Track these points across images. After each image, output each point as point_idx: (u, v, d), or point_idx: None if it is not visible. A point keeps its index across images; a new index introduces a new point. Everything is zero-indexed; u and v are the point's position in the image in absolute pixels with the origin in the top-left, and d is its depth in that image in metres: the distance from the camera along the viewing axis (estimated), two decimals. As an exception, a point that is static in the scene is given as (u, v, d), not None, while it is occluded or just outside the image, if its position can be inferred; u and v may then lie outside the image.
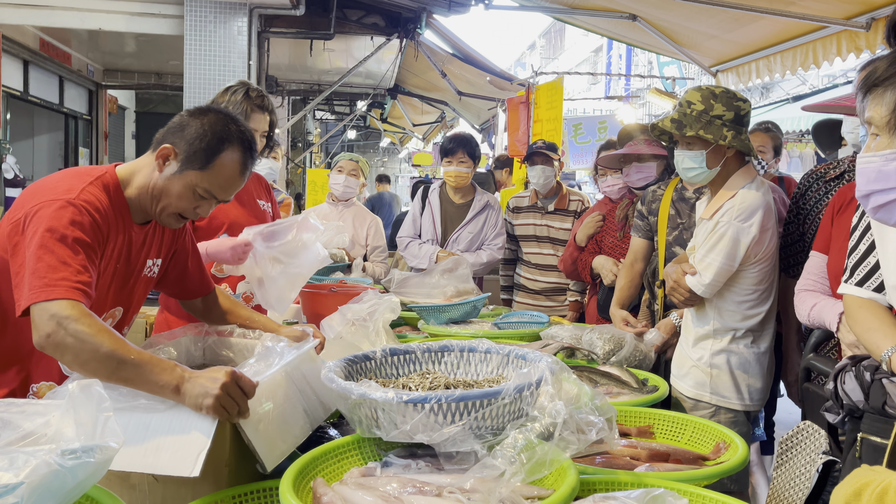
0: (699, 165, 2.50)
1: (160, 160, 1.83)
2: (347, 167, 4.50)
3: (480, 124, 12.27)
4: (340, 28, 7.52)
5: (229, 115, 1.89)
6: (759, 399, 2.57)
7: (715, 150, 2.48)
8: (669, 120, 2.50)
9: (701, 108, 2.48)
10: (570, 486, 1.29)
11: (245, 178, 1.92)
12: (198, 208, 1.88)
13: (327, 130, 18.44)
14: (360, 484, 1.39)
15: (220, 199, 1.90)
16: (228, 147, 1.83)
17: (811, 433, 1.97)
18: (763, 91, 19.64)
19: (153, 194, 1.84)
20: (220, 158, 1.82)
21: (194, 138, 1.81)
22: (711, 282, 2.45)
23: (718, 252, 2.42)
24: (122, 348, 1.52)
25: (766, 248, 2.47)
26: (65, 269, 1.59)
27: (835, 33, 4.47)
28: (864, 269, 1.76)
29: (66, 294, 1.56)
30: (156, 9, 6.55)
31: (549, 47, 40.54)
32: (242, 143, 1.86)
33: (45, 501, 1.06)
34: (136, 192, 1.85)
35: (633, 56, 25.37)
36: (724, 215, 2.44)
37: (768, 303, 2.55)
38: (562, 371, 1.56)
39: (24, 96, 8.77)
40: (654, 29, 5.76)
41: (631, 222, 3.51)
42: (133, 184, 1.85)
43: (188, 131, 1.82)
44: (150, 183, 1.84)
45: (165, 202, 1.84)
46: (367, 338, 2.46)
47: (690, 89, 2.56)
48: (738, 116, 2.49)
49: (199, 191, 1.83)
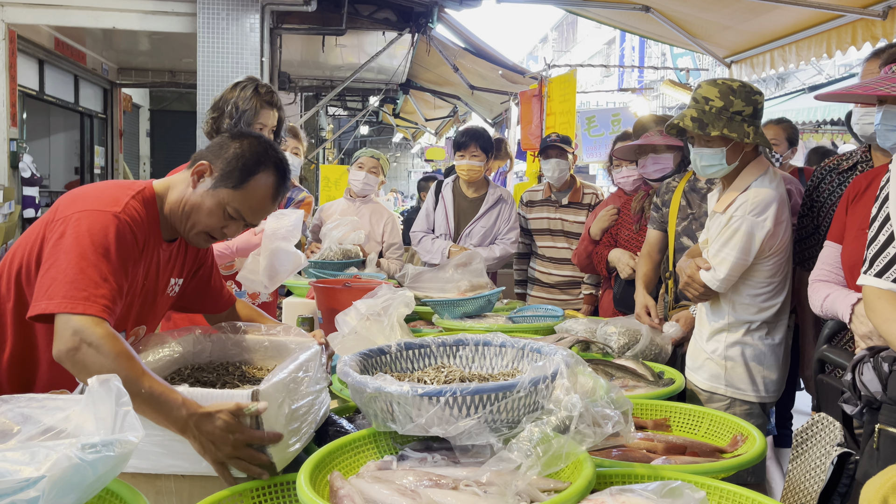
0: (719, 162, 2.47)
1: (195, 176, 1.85)
2: (368, 164, 4.50)
3: (493, 118, 12.24)
4: (352, 23, 7.52)
5: (268, 142, 1.92)
6: (774, 391, 2.55)
7: (735, 146, 2.46)
8: (690, 119, 2.44)
9: (720, 104, 2.43)
10: (587, 479, 1.29)
11: (276, 203, 1.92)
12: (225, 228, 1.88)
13: (340, 126, 18.47)
14: (376, 477, 1.40)
15: (248, 222, 1.90)
16: (264, 170, 1.85)
17: (826, 425, 1.96)
18: (779, 81, 19.46)
19: (184, 210, 1.85)
20: (254, 179, 1.84)
21: (231, 158, 1.84)
22: (726, 277, 2.44)
23: (733, 247, 2.41)
24: (136, 380, 1.49)
25: (781, 240, 2.45)
26: (104, 286, 1.59)
27: (851, 22, 4.42)
28: (883, 260, 1.75)
29: (96, 311, 1.55)
30: (169, 7, 6.58)
31: (561, 40, 40.35)
32: (278, 168, 1.88)
33: (65, 495, 1.07)
34: (169, 207, 1.87)
35: (646, 48, 25.21)
36: (738, 210, 2.42)
37: (783, 294, 2.53)
38: (577, 364, 1.56)
39: (40, 95, 8.85)
40: (667, 20, 5.71)
41: (647, 214, 3.50)
42: (168, 199, 1.87)
43: (226, 151, 1.85)
44: (184, 198, 1.85)
45: (196, 219, 1.85)
46: (381, 332, 2.47)
47: (705, 83, 2.50)
48: (756, 111, 2.46)
49: (229, 210, 1.84)
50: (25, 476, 1.03)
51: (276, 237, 2.73)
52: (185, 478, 1.55)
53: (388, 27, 7.94)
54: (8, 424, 1.26)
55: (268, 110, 2.92)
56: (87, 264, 1.60)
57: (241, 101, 2.86)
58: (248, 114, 2.86)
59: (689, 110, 2.48)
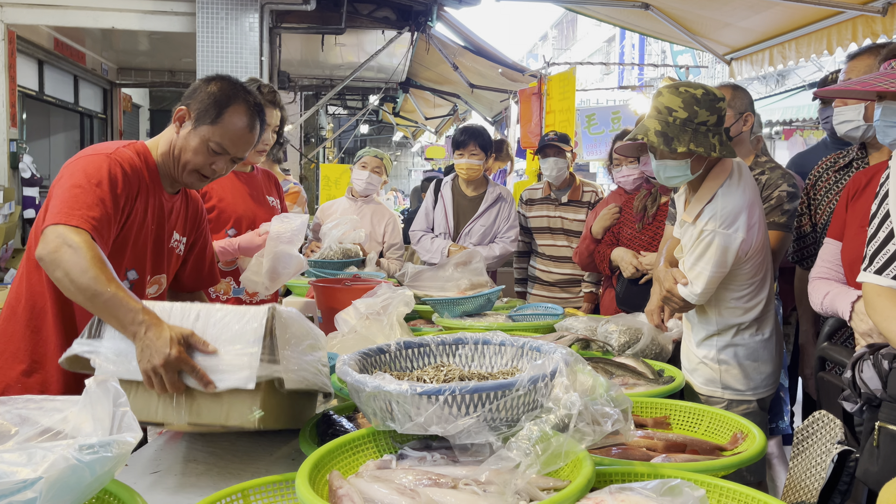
0: (683, 174, 2.39)
1: (177, 122, 2.06)
2: (371, 163, 4.49)
3: (493, 116, 12.23)
4: (352, 22, 7.52)
5: (237, 80, 2.11)
6: (770, 384, 2.54)
7: (699, 156, 2.36)
8: (654, 133, 2.33)
9: (684, 115, 2.31)
10: (586, 478, 1.29)
11: (255, 134, 2.11)
12: (213, 164, 2.06)
13: (340, 125, 18.47)
14: (375, 476, 1.39)
15: (232, 155, 2.07)
16: (235, 103, 2.05)
17: (826, 423, 1.95)
18: (779, 78, 19.45)
19: (174, 154, 2.05)
20: (228, 112, 2.03)
21: (205, 97, 2.04)
22: (703, 291, 2.39)
23: (707, 261, 2.35)
24: (103, 282, 1.66)
25: (756, 242, 2.39)
26: (95, 209, 1.78)
27: (850, 19, 4.42)
28: (883, 257, 1.74)
29: (80, 224, 1.73)
30: (168, 6, 6.58)
31: (561, 38, 40.32)
32: (247, 101, 2.07)
33: (63, 496, 1.08)
34: (161, 156, 2.07)
35: (646, 45, 25.18)
36: (708, 223, 2.34)
37: (766, 289, 2.49)
38: (577, 362, 1.56)
39: (40, 96, 8.85)
40: (666, 17, 5.71)
41: (650, 212, 3.49)
42: (159, 150, 2.08)
43: (200, 93, 2.05)
44: (172, 143, 2.06)
45: (185, 158, 2.04)
46: (381, 331, 2.47)
47: (666, 91, 2.36)
48: (720, 118, 2.36)
49: (212, 145, 2.03)
50: (23, 477, 1.03)
51: (280, 240, 2.75)
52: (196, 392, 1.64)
53: (387, 26, 7.93)
54: (6, 426, 1.26)
55: (270, 109, 2.98)
56: (81, 191, 1.80)
57: None
58: None
59: (652, 121, 2.36)
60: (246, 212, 3.02)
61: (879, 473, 1.57)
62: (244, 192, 3.08)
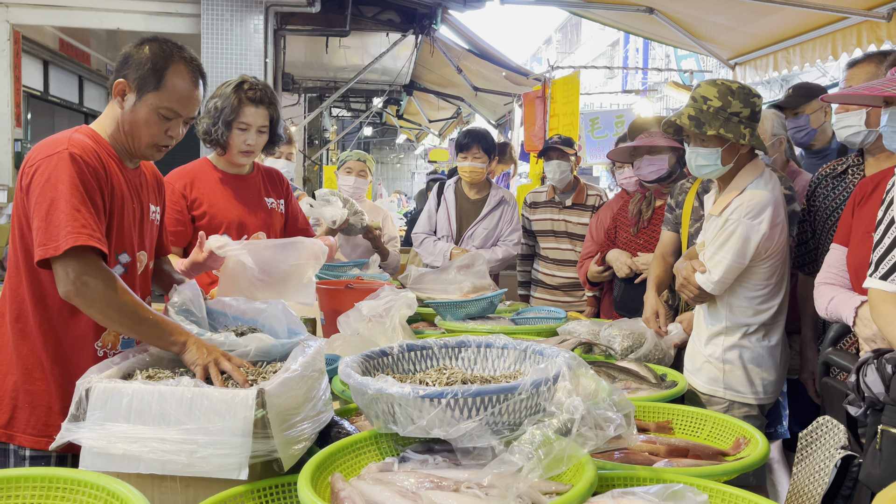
0: (713, 163, 2.47)
1: (119, 97, 1.96)
2: (356, 168, 4.47)
3: (497, 120, 12.23)
4: (356, 25, 7.53)
5: (167, 39, 2.01)
6: (772, 392, 2.55)
7: (730, 147, 2.46)
8: (687, 117, 2.45)
9: (718, 104, 2.43)
10: (589, 482, 1.29)
11: (200, 90, 2.03)
12: (168, 131, 1.99)
13: (343, 127, 18.48)
14: (377, 479, 1.39)
15: (184, 116, 2.00)
16: (174, 63, 1.95)
17: (830, 428, 1.95)
18: (783, 83, 19.42)
19: (125, 131, 1.97)
20: (168, 74, 1.94)
21: (140, 64, 1.93)
22: (721, 279, 2.43)
23: (728, 250, 2.41)
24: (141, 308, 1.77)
25: (777, 242, 2.45)
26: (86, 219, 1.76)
27: (855, 24, 4.41)
28: (888, 263, 1.74)
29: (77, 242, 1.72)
30: (173, 8, 6.59)
31: (565, 41, 40.33)
32: (184, 58, 1.99)
33: None
34: (112, 137, 1.99)
35: (650, 49, 25.16)
36: (734, 212, 2.42)
37: (780, 296, 2.53)
38: (579, 366, 1.55)
39: (45, 96, 8.87)
40: (671, 22, 5.71)
41: (645, 216, 3.49)
42: (107, 130, 1.99)
43: (132, 61, 1.94)
44: (119, 120, 1.97)
45: (138, 133, 1.97)
46: (384, 334, 2.46)
47: (704, 83, 2.50)
48: (754, 113, 2.47)
49: (162, 111, 1.95)
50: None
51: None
52: (189, 479, 1.55)
53: (391, 28, 7.94)
54: None
55: (250, 108, 2.76)
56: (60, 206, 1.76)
57: (220, 98, 2.76)
58: (227, 111, 2.75)
59: (687, 108, 2.48)
60: (239, 216, 2.82)
61: (882, 476, 1.58)
62: (235, 197, 2.92)
